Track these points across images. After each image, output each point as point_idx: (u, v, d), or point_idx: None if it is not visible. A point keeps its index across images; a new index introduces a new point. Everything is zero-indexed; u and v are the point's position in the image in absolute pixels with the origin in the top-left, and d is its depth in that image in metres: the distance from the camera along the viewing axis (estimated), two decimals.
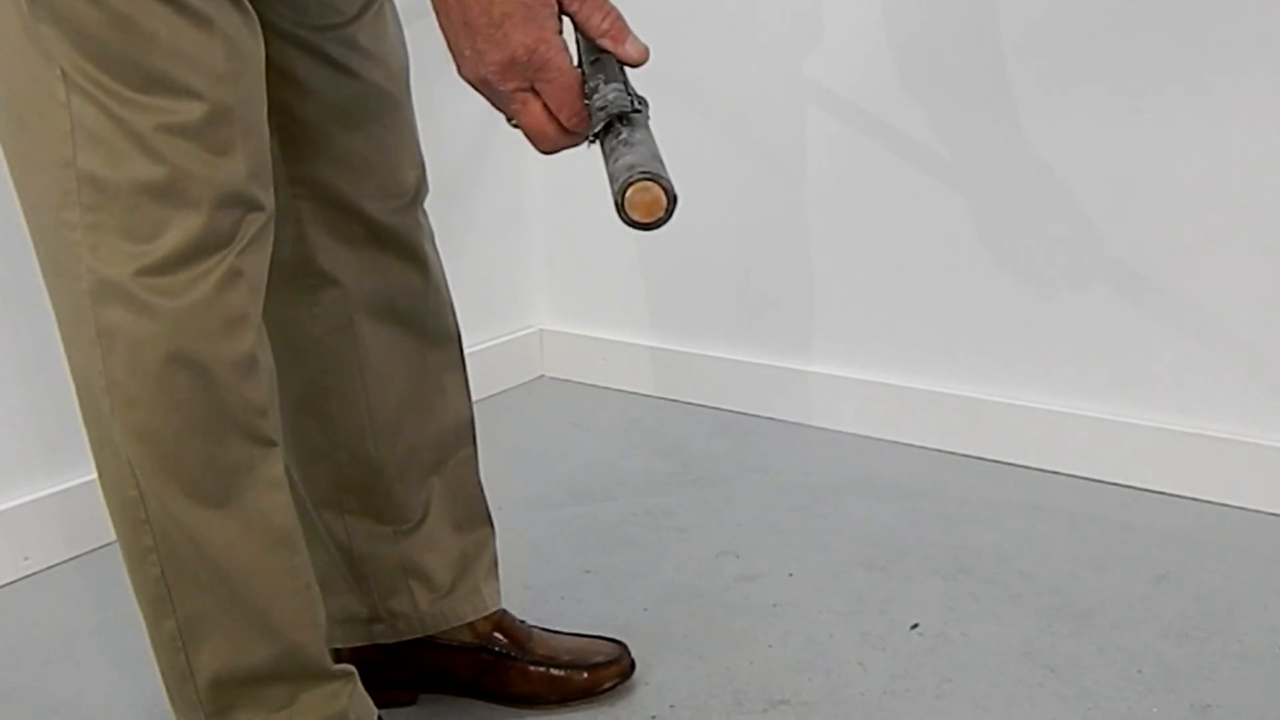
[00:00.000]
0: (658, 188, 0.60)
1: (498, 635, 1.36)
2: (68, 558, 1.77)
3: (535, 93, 0.81)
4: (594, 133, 0.77)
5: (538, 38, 0.79)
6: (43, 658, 1.54)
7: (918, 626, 1.53)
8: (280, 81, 1.11)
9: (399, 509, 1.29)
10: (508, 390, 2.42)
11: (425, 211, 1.27)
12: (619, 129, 0.74)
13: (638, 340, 2.36)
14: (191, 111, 0.96)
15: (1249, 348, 1.76)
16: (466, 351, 1.33)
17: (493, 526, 1.37)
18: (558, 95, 0.81)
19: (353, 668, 1.18)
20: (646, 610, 1.59)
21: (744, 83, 2.12)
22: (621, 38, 0.83)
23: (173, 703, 1.13)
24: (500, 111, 0.87)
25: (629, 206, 0.59)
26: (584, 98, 0.80)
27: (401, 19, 1.23)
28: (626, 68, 0.83)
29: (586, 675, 1.38)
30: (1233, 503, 1.80)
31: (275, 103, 1.09)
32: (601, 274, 2.40)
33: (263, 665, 1.10)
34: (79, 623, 1.61)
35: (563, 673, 1.37)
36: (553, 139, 0.83)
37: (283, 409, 1.14)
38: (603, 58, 0.82)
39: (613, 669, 1.39)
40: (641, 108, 0.78)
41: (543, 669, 1.36)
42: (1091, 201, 1.83)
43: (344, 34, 1.15)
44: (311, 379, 1.24)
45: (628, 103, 0.76)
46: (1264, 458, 1.77)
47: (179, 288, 0.98)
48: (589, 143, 0.81)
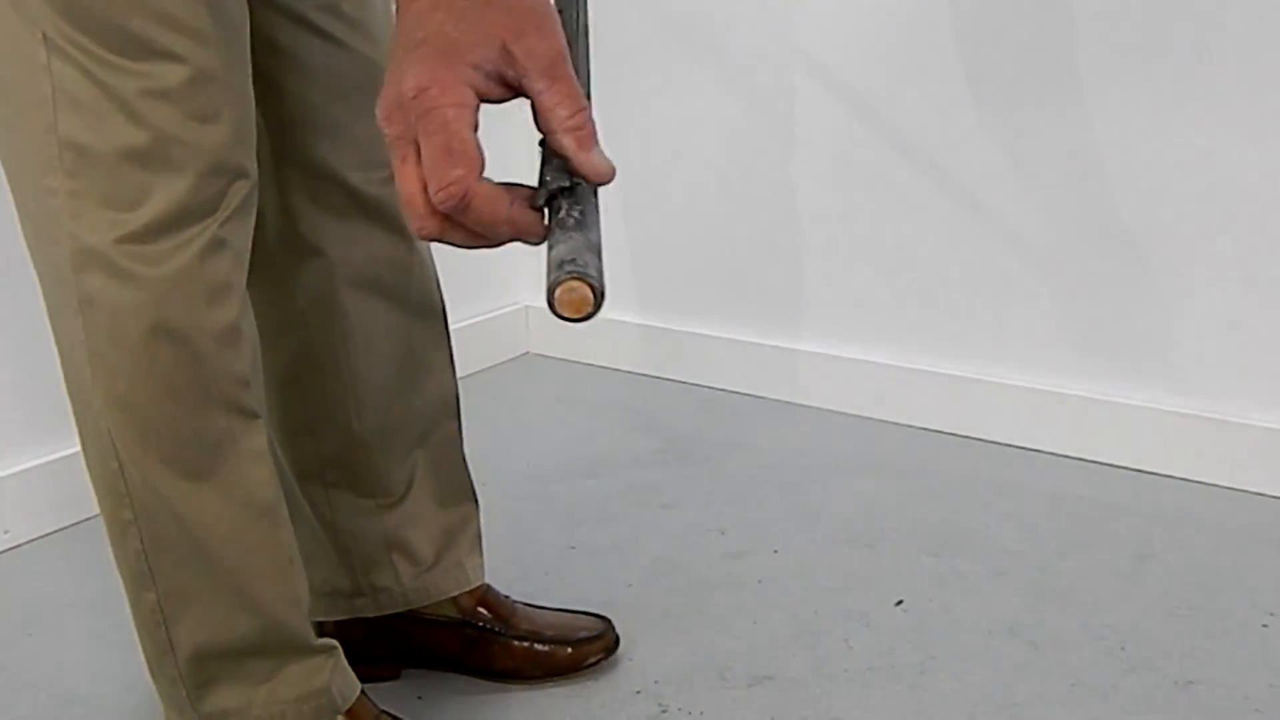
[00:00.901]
0: (584, 287, 0.60)
1: (482, 610, 1.36)
2: (49, 531, 1.76)
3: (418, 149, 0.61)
4: (538, 204, 0.63)
5: (433, 78, 0.60)
6: (23, 631, 1.53)
7: (902, 603, 1.54)
8: (264, 49, 1.09)
9: (382, 483, 1.28)
10: (494, 367, 2.41)
11: None
12: (560, 203, 0.64)
13: (624, 318, 2.36)
14: (175, 75, 0.95)
15: (1232, 327, 1.76)
16: (452, 328, 1.32)
17: (476, 501, 1.37)
18: (431, 156, 0.60)
19: (335, 642, 1.18)
20: (631, 586, 1.59)
21: (733, 60, 2.11)
22: (587, 144, 0.64)
23: (153, 676, 1.12)
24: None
25: (558, 304, 0.60)
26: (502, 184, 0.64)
27: None
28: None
29: (570, 651, 1.38)
30: (1216, 481, 1.80)
31: (259, 71, 1.07)
32: None
33: (244, 639, 1.10)
34: (60, 596, 1.60)
35: (547, 648, 1.37)
36: (420, 212, 0.61)
37: (266, 381, 1.14)
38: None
39: (597, 644, 1.39)
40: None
41: (527, 644, 1.36)
42: (1074, 179, 1.83)
43: (328, 1, 1.13)
44: (295, 351, 1.22)
45: (566, 178, 0.64)
46: (1248, 437, 1.77)
47: (160, 256, 0.97)
48: (537, 210, 0.64)
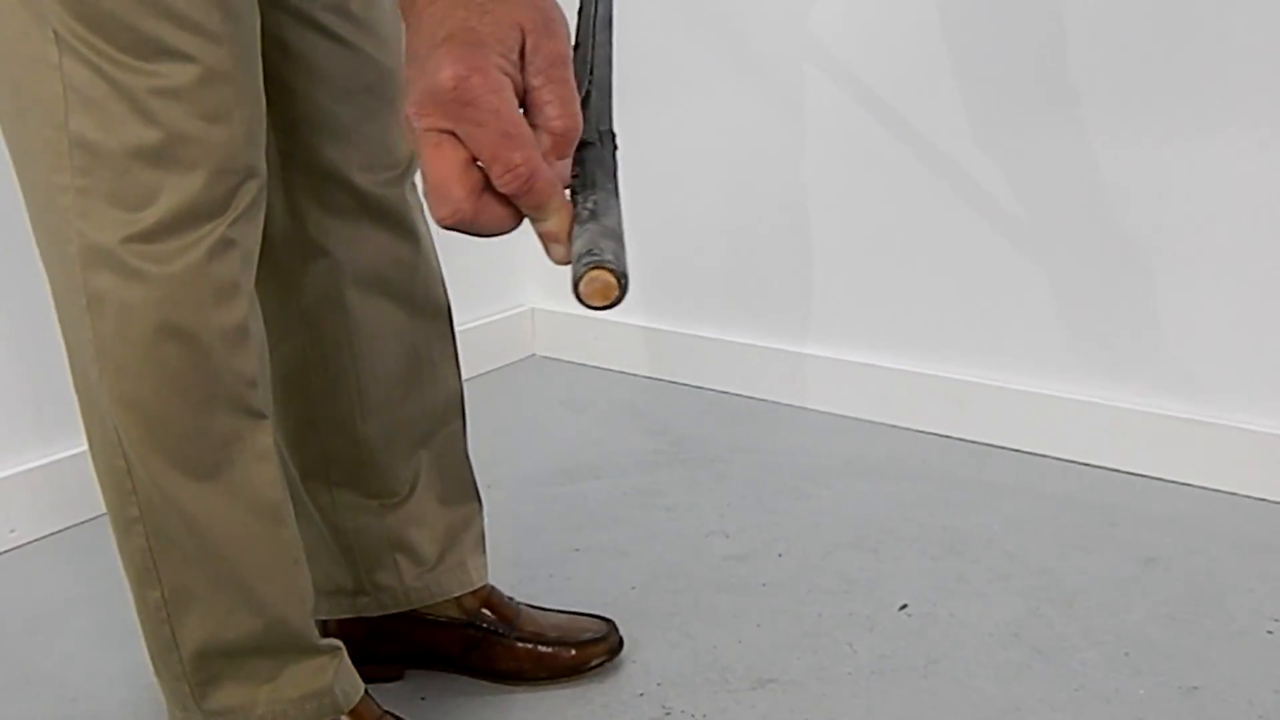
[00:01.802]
0: (605, 273, 0.63)
1: (485, 611, 1.36)
2: (55, 530, 1.76)
3: (455, 137, 0.60)
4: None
5: (470, 68, 0.60)
6: (28, 629, 1.53)
7: (906, 607, 1.53)
8: (271, 49, 1.10)
9: (386, 482, 1.29)
10: (498, 369, 2.41)
11: (416, 185, 1.26)
12: (575, 198, 0.64)
13: (629, 320, 2.36)
14: (186, 74, 0.95)
15: (1239, 333, 1.76)
16: (457, 329, 1.32)
17: (480, 502, 1.37)
18: (491, 142, 0.60)
19: (340, 643, 1.18)
20: (634, 589, 1.59)
21: (742, 64, 2.11)
22: (563, 152, 0.63)
23: (157, 673, 1.13)
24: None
25: (584, 297, 0.62)
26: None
27: None
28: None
29: (574, 652, 1.38)
30: (1221, 487, 1.80)
31: (266, 71, 1.08)
32: None
33: (248, 638, 1.10)
34: (65, 594, 1.60)
35: (550, 650, 1.37)
36: (456, 195, 0.60)
37: (271, 380, 1.14)
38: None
39: (600, 646, 1.39)
40: (606, 142, 0.65)
41: (530, 646, 1.36)
42: (1081, 186, 1.83)
43: (336, 2, 1.14)
44: (300, 351, 1.23)
45: (594, 135, 0.63)
46: (1252, 442, 1.77)
47: (169, 255, 0.98)
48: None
